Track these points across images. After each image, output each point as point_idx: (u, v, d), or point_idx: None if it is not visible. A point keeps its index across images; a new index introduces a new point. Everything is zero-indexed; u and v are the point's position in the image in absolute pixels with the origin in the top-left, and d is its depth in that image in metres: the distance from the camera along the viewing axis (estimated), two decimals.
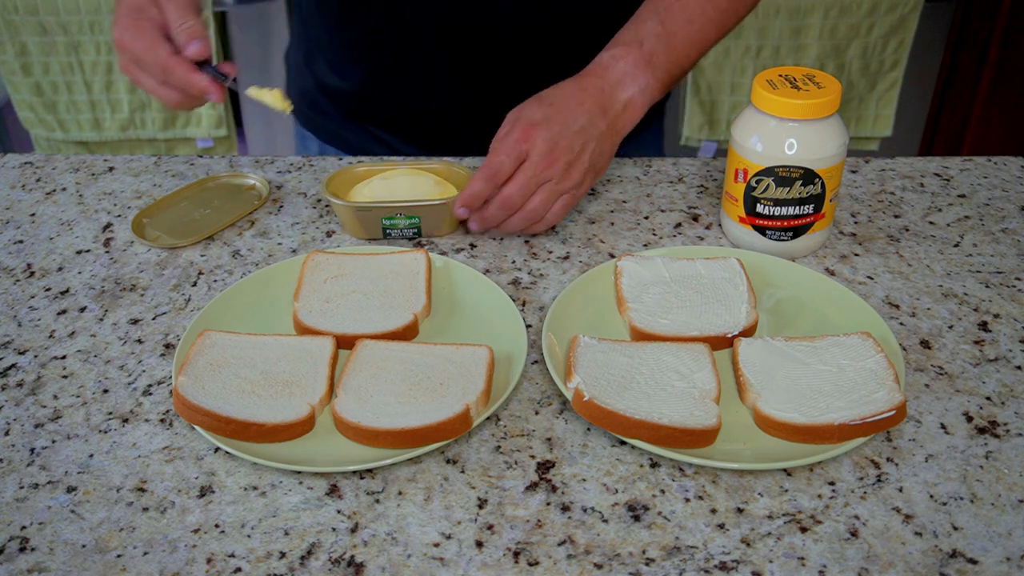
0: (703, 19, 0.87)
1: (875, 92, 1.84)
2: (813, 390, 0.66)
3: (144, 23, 0.78)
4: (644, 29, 0.85)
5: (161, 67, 0.77)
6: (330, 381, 0.68)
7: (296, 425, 0.64)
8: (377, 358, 0.69)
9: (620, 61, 0.83)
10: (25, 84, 1.81)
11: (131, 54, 0.78)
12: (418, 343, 0.71)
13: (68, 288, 0.81)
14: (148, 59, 0.77)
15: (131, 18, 0.78)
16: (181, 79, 0.78)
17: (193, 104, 0.82)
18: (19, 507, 0.60)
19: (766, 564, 0.56)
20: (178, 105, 0.81)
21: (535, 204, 0.80)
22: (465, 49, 0.98)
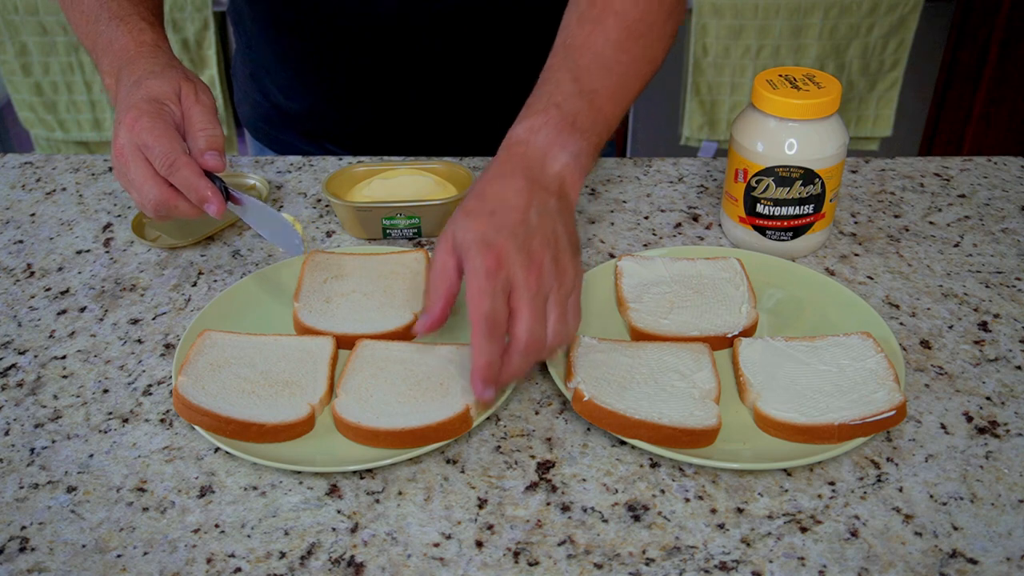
0: (619, 69, 0.76)
1: (875, 92, 1.84)
2: (813, 390, 0.66)
3: (165, 114, 0.72)
4: (559, 91, 0.72)
5: (170, 160, 0.70)
6: (330, 381, 0.68)
7: (296, 425, 0.64)
8: (377, 358, 0.69)
9: (539, 132, 0.70)
10: (25, 84, 1.81)
11: (139, 138, 0.70)
12: (418, 343, 0.71)
13: (68, 288, 0.81)
14: (158, 148, 0.70)
15: (151, 104, 0.72)
16: (185, 179, 0.70)
17: (176, 210, 0.72)
18: (19, 507, 0.60)
19: (766, 564, 0.56)
20: (162, 205, 0.71)
21: (555, 324, 0.64)
22: (410, 60, 0.98)
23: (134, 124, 0.71)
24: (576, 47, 0.76)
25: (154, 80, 0.74)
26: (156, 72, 0.75)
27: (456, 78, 1.01)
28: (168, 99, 0.73)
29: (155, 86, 0.73)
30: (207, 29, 1.81)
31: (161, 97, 0.73)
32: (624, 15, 0.76)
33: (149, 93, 0.73)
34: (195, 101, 0.74)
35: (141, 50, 0.78)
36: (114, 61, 0.78)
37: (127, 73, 0.76)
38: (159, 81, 0.74)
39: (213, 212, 0.71)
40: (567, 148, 0.70)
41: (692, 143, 1.90)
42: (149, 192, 0.71)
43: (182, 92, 0.74)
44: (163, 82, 0.74)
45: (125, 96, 0.74)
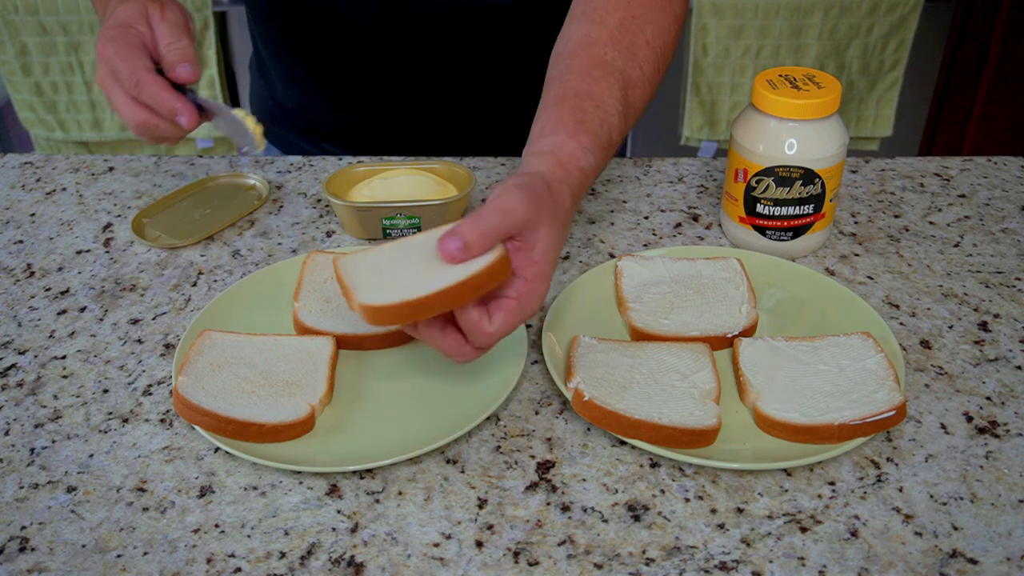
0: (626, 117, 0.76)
1: (875, 92, 1.84)
2: (813, 390, 0.66)
3: (130, 36, 0.74)
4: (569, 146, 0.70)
5: (135, 80, 0.73)
6: (330, 381, 0.68)
7: (296, 425, 0.64)
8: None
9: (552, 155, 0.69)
10: (25, 84, 1.81)
11: (109, 64, 0.74)
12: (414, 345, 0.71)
13: (68, 288, 0.81)
14: (124, 70, 0.73)
15: (117, 29, 0.75)
16: (152, 96, 0.73)
17: (158, 130, 0.75)
18: (19, 507, 0.60)
19: (766, 564, 0.56)
20: (141, 126, 0.74)
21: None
22: (409, 60, 0.98)
23: (102, 52, 0.74)
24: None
25: (123, 7, 0.76)
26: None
27: (456, 78, 1.01)
28: (135, 22, 0.75)
29: (122, 12, 0.76)
30: (207, 29, 1.81)
31: (128, 21, 0.75)
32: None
33: (117, 19, 0.75)
34: (161, 19, 0.76)
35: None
36: (99, 3, 0.83)
37: (109, 9, 0.79)
38: (126, 6, 0.76)
39: (184, 123, 0.73)
40: (586, 151, 0.70)
41: (692, 143, 1.90)
42: (128, 115, 0.74)
43: (148, 12, 0.76)
44: (129, 6, 0.76)
45: (102, 30, 0.76)
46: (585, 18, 0.78)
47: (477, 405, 0.66)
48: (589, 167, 0.70)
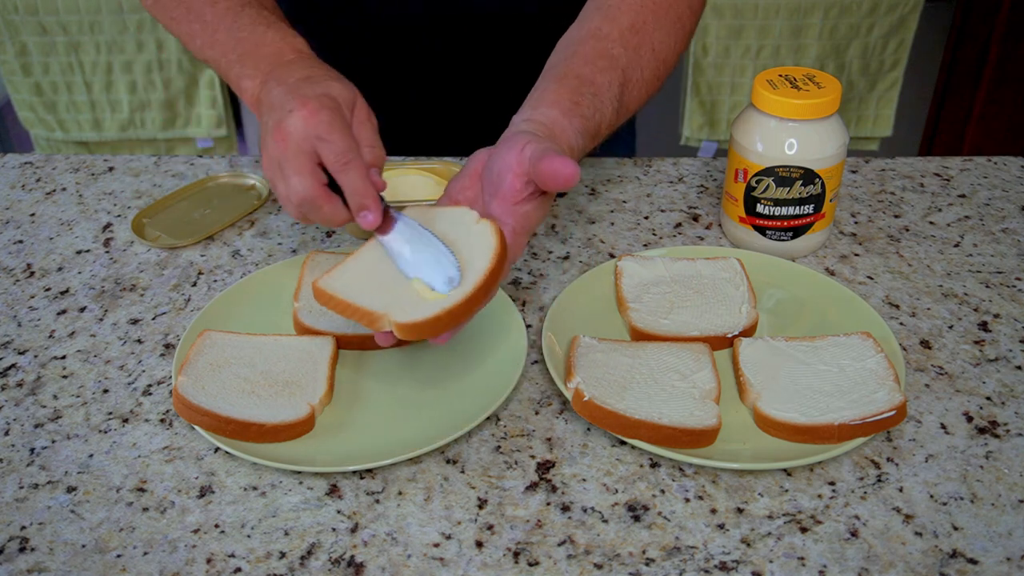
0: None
1: (875, 92, 1.84)
2: (813, 390, 0.66)
3: (343, 116, 0.68)
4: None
5: (347, 158, 0.65)
6: (330, 381, 0.68)
7: (296, 425, 0.64)
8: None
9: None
10: (25, 84, 1.81)
11: (318, 131, 0.65)
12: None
13: (68, 288, 0.81)
14: (338, 142, 0.65)
15: (330, 101, 0.67)
16: (355, 180, 0.65)
17: (318, 212, 0.67)
18: (19, 507, 0.60)
19: (766, 564, 0.56)
20: (304, 202, 0.66)
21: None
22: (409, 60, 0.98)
23: (314, 115, 0.65)
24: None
25: (334, 83, 0.70)
26: (333, 76, 0.71)
27: (456, 78, 1.01)
28: (346, 104, 0.69)
29: (335, 87, 0.69)
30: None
31: (340, 100, 0.68)
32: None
33: (329, 92, 0.68)
34: (367, 118, 0.70)
35: (301, 55, 0.74)
36: (262, 64, 0.74)
37: (288, 73, 0.71)
38: (339, 85, 0.70)
39: (368, 222, 0.66)
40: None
41: (692, 143, 1.90)
42: (300, 185, 0.65)
43: (357, 104, 0.70)
44: (343, 87, 0.70)
45: (294, 89, 0.68)
46: (599, 13, 0.78)
47: (477, 405, 0.66)
48: (576, 148, 0.70)
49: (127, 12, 1.74)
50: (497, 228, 0.63)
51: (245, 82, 0.74)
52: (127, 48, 1.78)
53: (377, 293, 0.62)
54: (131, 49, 1.78)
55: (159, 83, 1.83)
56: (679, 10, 0.81)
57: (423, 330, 0.60)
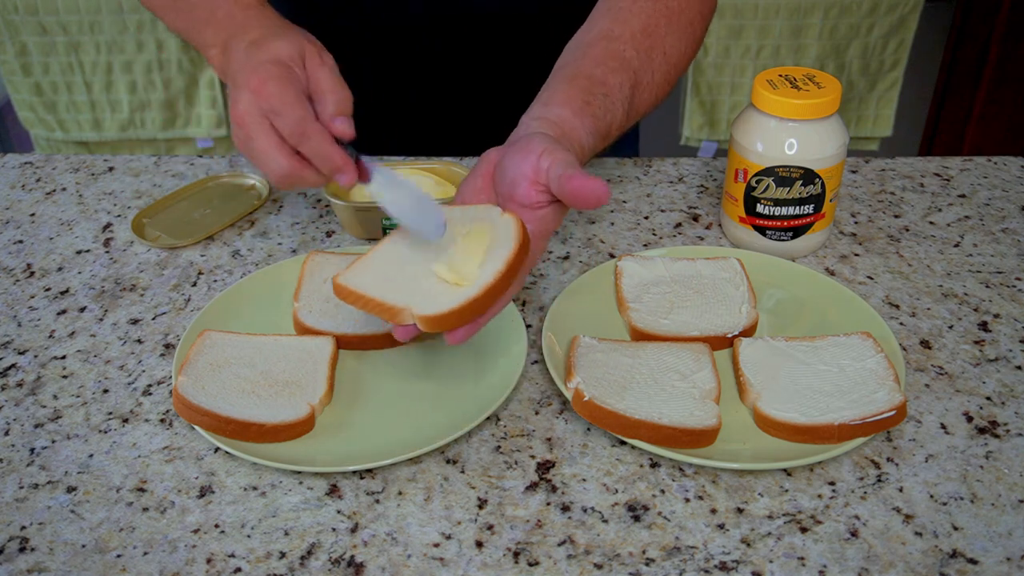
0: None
1: (875, 92, 1.84)
2: (813, 390, 0.66)
3: (293, 78, 0.66)
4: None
5: (301, 129, 0.64)
6: (330, 381, 0.68)
7: (296, 425, 0.64)
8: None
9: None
10: (25, 84, 1.81)
11: (268, 104, 0.64)
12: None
13: (68, 288, 0.81)
14: (290, 116, 0.64)
15: (276, 66, 0.66)
16: (317, 147, 0.64)
17: (303, 181, 0.67)
18: (19, 507, 0.60)
19: (766, 564, 0.56)
20: (287, 177, 0.66)
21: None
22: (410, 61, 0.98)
23: (260, 88, 0.64)
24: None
25: (277, 41, 0.68)
26: (277, 32, 0.69)
27: (456, 78, 1.01)
28: (293, 61, 0.67)
29: (279, 47, 0.67)
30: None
31: (286, 59, 0.67)
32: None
33: (273, 55, 0.67)
34: (320, 63, 0.68)
35: (248, 12, 0.73)
36: (219, 31, 0.73)
37: (239, 39, 0.70)
38: (282, 42, 0.68)
39: (344, 182, 0.66)
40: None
41: (692, 143, 1.90)
42: (275, 163, 0.65)
43: (306, 53, 0.68)
44: (287, 43, 0.68)
45: (244, 60, 0.68)
46: (610, 15, 0.78)
47: (477, 405, 0.66)
48: (587, 148, 0.70)
49: (127, 12, 1.74)
50: (519, 221, 0.62)
51: (210, 52, 0.74)
52: (127, 48, 1.78)
53: (397, 287, 0.61)
54: (131, 49, 1.78)
55: (159, 83, 1.83)
56: (690, 15, 0.81)
57: (446, 321, 0.59)
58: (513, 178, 0.64)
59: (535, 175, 0.63)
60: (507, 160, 0.65)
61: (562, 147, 0.63)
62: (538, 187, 0.63)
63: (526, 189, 0.63)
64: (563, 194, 0.61)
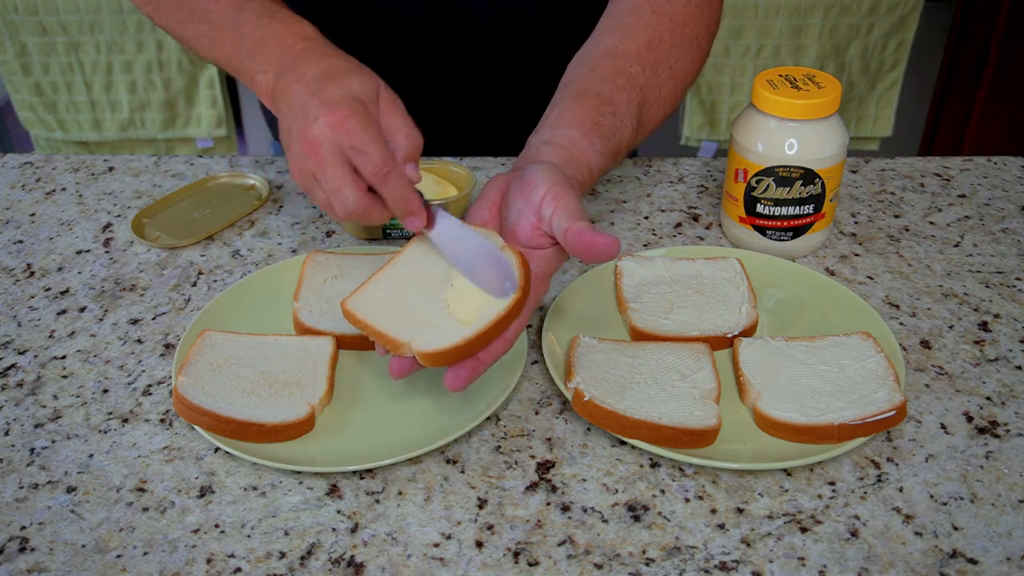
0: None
1: (875, 92, 1.84)
2: (813, 390, 0.66)
3: (372, 117, 0.64)
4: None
5: (386, 169, 0.62)
6: (330, 381, 0.68)
7: (296, 425, 0.64)
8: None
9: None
10: (25, 84, 1.81)
11: (350, 141, 0.62)
12: None
13: (68, 288, 0.81)
14: (374, 154, 0.62)
15: (356, 104, 0.63)
16: (398, 190, 0.63)
17: (367, 220, 0.65)
18: (19, 507, 0.60)
19: (766, 564, 0.56)
20: (358, 214, 0.64)
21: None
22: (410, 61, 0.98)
23: (342, 124, 0.62)
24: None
25: (354, 77, 0.66)
26: (351, 68, 0.67)
27: (457, 79, 1.01)
28: (369, 99, 0.65)
29: (356, 84, 0.65)
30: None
31: (363, 96, 0.65)
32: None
33: (350, 91, 0.64)
34: (394, 106, 0.67)
35: (309, 43, 0.71)
36: (271, 57, 0.71)
37: (300, 67, 0.68)
38: (359, 79, 0.66)
39: (414, 227, 0.65)
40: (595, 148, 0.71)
41: (692, 143, 1.90)
42: (348, 198, 0.63)
43: (380, 92, 0.67)
44: (363, 80, 0.66)
45: (315, 90, 0.65)
46: (616, 31, 0.77)
47: (477, 405, 0.66)
48: (597, 170, 0.69)
49: (127, 12, 1.74)
50: (523, 261, 0.62)
51: (259, 76, 0.72)
52: (127, 48, 1.78)
53: (401, 318, 0.62)
54: (131, 49, 1.79)
55: (159, 83, 1.83)
56: (696, 29, 0.80)
57: (444, 358, 0.59)
58: (516, 217, 0.63)
59: (538, 219, 0.62)
60: (511, 196, 0.64)
61: (567, 187, 0.62)
62: (540, 230, 0.62)
63: (529, 232, 0.63)
64: (570, 248, 0.60)
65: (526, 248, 0.64)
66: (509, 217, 0.64)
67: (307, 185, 0.65)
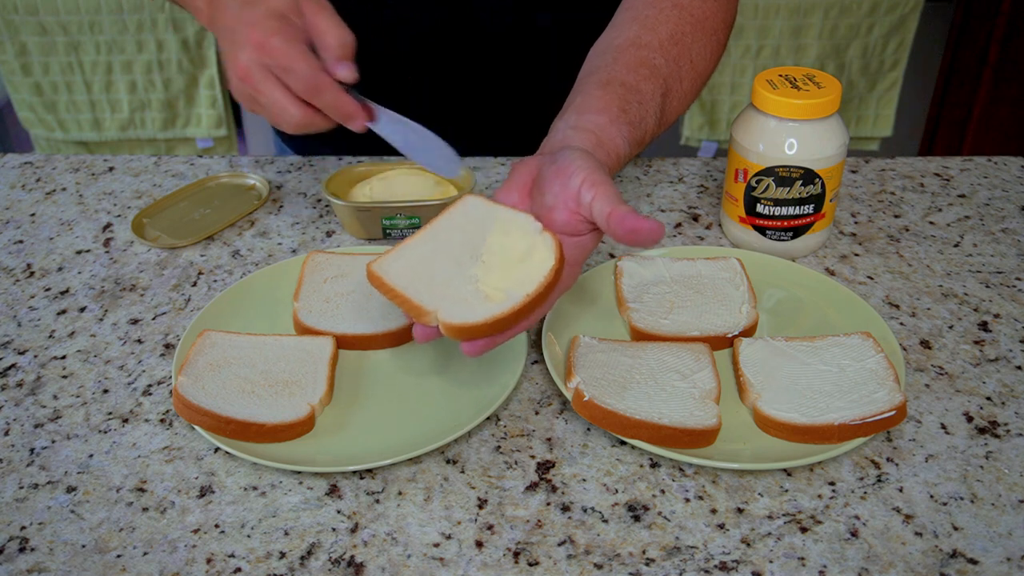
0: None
1: (875, 92, 1.84)
2: (813, 390, 0.66)
3: (295, 31, 0.66)
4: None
5: (313, 84, 0.66)
6: (330, 381, 0.68)
7: (296, 425, 0.64)
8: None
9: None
10: (25, 84, 1.81)
11: (275, 61, 0.65)
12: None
13: (68, 288, 0.81)
14: (300, 70, 0.65)
15: (276, 22, 0.66)
16: (331, 100, 0.66)
17: (314, 128, 0.69)
18: (19, 507, 0.60)
19: (766, 564, 0.56)
20: (302, 126, 0.68)
21: None
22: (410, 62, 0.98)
23: (263, 44, 0.65)
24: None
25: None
26: None
27: (457, 79, 1.01)
28: (291, 12, 0.67)
29: (274, 1, 0.67)
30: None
31: (284, 11, 0.67)
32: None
33: (270, 8, 0.67)
34: (318, 7, 0.68)
35: None
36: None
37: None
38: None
39: (356, 128, 0.68)
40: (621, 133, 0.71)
41: (692, 143, 1.90)
42: (289, 114, 0.67)
43: (301, 1, 0.68)
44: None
45: (237, 14, 0.68)
46: (636, 23, 0.78)
47: (477, 405, 0.66)
48: (624, 156, 0.69)
49: (127, 12, 1.74)
50: (558, 244, 0.61)
51: (197, 4, 0.74)
52: (127, 48, 1.78)
53: (428, 287, 0.62)
54: (131, 49, 1.79)
55: (159, 83, 1.83)
56: (715, 23, 0.81)
57: (469, 333, 0.59)
58: (552, 202, 0.63)
59: (576, 206, 0.62)
60: (546, 182, 0.63)
61: (604, 173, 0.62)
62: (579, 217, 0.62)
63: (567, 217, 0.62)
64: (614, 232, 0.59)
65: (566, 236, 0.63)
66: (544, 202, 0.63)
67: (250, 106, 0.69)
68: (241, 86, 0.67)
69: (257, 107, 0.68)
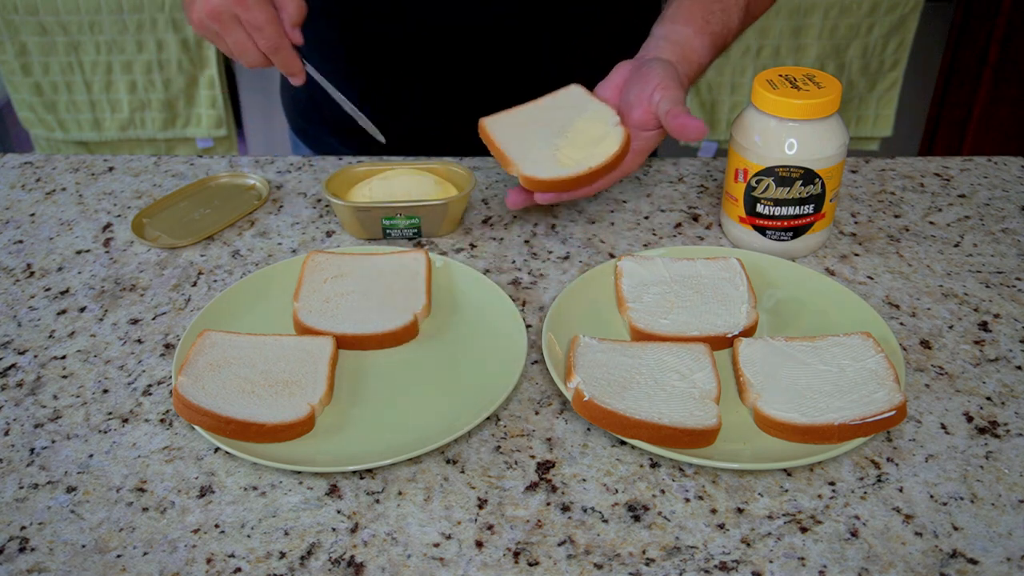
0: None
1: (875, 92, 1.84)
2: (813, 390, 0.66)
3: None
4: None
5: (275, 43, 0.79)
6: (330, 381, 0.68)
7: (296, 425, 0.64)
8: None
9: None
10: (25, 84, 1.81)
11: (248, 16, 0.77)
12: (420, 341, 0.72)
13: (68, 288, 0.81)
14: (267, 29, 0.78)
15: None
16: (285, 60, 0.81)
17: (264, 67, 0.82)
18: (19, 507, 0.60)
19: (766, 564, 0.56)
20: (254, 66, 0.82)
21: None
22: (410, 61, 0.99)
23: (242, 2, 0.76)
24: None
25: None
26: None
27: (457, 79, 1.01)
28: None
29: None
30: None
31: None
32: None
33: None
34: None
35: None
36: None
37: None
38: None
39: (296, 83, 0.83)
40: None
41: (692, 143, 1.90)
42: (250, 58, 0.81)
43: None
44: None
45: None
46: None
47: (477, 405, 0.66)
48: (705, 64, 0.85)
49: (127, 12, 1.74)
50: (626, 135, 0.79)
51: None
52: (127, 48, 1.79)
53: (520, 145, 0.80)
54: (131, 49, 1.79)
55: (159, 83, 1.83)
56: None
57: (541, 186, 0.78)
58: (633, 101, 0.80)
59: (650, 106, 0.78)
60: (632, 83, 0.81)
61: (675, 81, 0.78)
62: (650, 115, 0.79)
63: (641, 114, 0.79)
64: (668, 126, 0.76)
65: (635, 128, 0.80)
66: (628, 99, 0.81)
67: (210, 38, 0.81)
68: (209, 22, 0.78)
69: (219, 42, 0.80)
